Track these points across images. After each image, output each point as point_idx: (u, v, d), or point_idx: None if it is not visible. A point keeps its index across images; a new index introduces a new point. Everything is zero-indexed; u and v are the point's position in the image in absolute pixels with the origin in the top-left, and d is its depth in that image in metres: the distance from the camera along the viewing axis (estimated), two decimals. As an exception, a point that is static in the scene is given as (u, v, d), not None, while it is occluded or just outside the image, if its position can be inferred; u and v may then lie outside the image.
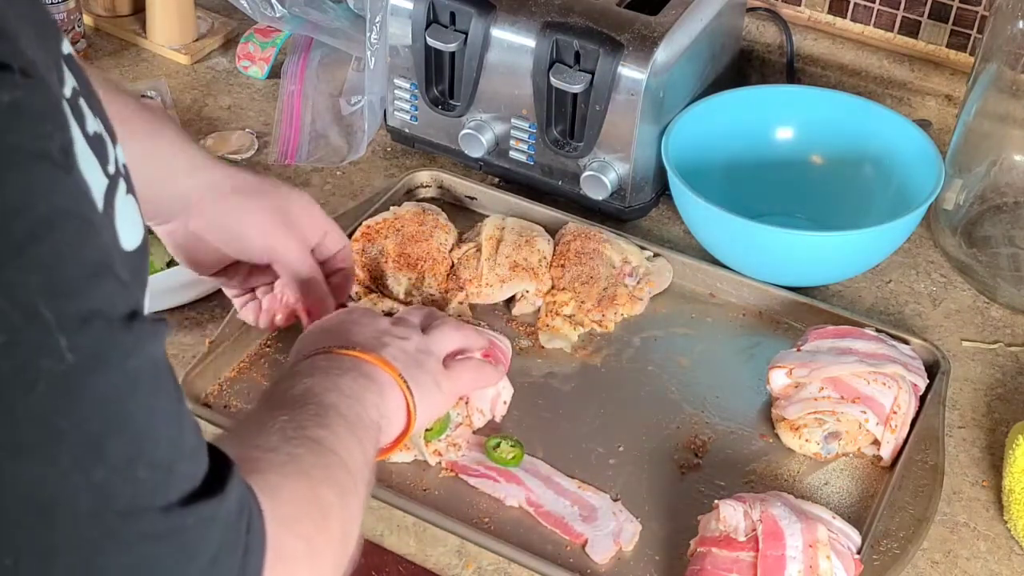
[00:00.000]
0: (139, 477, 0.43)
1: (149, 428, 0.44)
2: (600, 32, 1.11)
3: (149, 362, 0.45)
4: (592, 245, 1.09)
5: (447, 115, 1.21)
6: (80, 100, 0.47)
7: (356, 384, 0.75)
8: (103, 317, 0.42)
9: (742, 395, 1.01)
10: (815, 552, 0.81)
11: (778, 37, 1.35)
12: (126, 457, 0.43)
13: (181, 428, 0.46)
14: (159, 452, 0.44)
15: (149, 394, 0.44)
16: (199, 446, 0.48)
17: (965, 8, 1.27)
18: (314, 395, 0.71)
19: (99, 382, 0.42)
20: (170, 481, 0.45)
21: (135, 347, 0.44)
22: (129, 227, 0.50)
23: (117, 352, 0.43)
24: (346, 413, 0.71)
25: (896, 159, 1.16)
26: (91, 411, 0.41)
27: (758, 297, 1.09)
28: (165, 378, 0.46)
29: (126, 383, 0.43)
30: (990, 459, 0.96)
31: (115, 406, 0.42)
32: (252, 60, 1.39)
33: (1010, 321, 1.10)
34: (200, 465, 0.47)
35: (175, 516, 0.44)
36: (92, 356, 0.41)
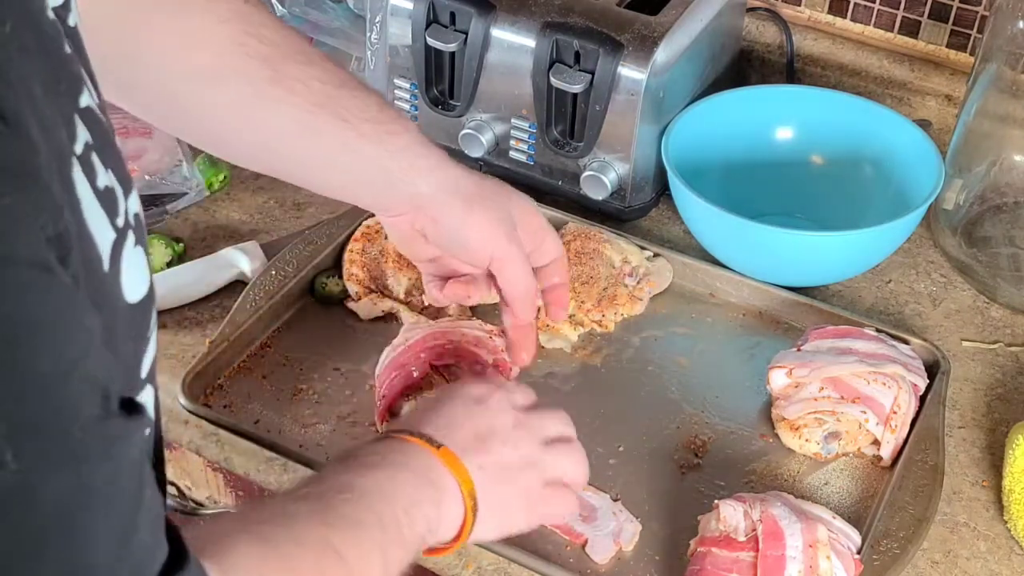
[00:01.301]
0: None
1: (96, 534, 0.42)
2: (600, 32, 1.11)
3: (109, 467, 0.43)
4: (592, 245, 1.09)
5: (447, 115, 1.21)
6: (92, 155, 0.46)
7: (414, 490, 0.71)
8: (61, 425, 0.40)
9: (742, 395, 1.01)
10: (815, 552, 0.81)
11: (778, 37, 1.35)
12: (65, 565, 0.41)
13: (133, 531, 0.44)
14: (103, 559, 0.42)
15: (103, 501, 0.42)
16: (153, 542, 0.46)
17: (965, 8, 1.27)
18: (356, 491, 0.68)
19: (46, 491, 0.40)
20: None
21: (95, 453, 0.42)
22: (135, 279, 0.49)
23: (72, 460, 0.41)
24: (383, 518, 0.68)
25: (896, 159, 1.16)
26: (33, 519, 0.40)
27: (758, 297, 1.09)
28: (127, 482, 0.44)
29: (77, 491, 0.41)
30: (990, 459, 0.96)
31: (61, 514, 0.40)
32: (252, 60, 1.39)
33: (1010, 321, 1.10)
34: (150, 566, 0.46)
35: None
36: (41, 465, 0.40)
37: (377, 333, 1.04)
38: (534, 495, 0.79)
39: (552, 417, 0.83)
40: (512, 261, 0.86)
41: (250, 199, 1.19)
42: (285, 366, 1.01)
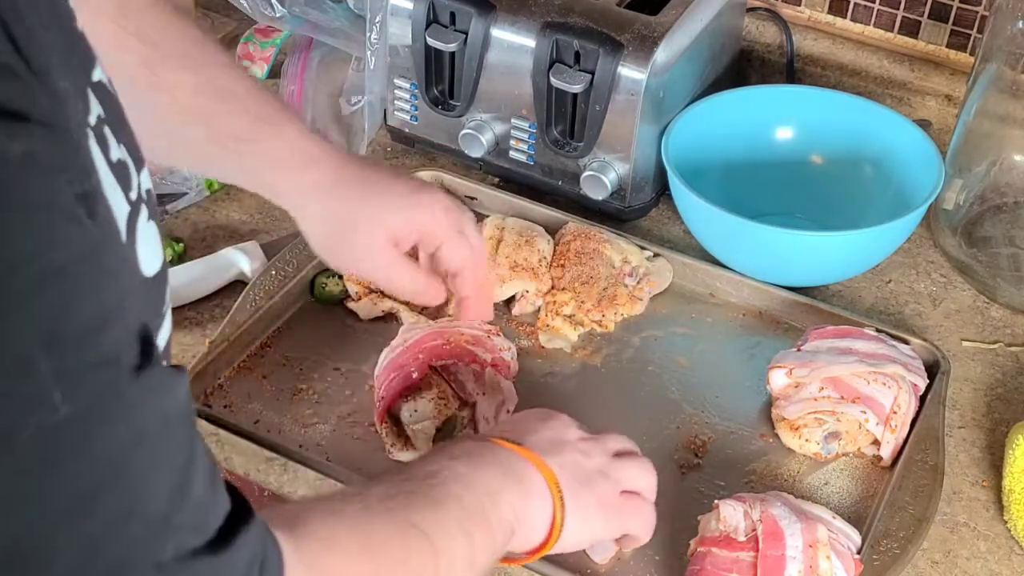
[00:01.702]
0: (131, 532, 0.42)
1: (148, 482, 0.43)
2: (600, 32, 1.11)
3: (157, 414, 0.43)
4: (592, 245, 1.09)
5: (447, 115, 1.21)
6: (105, 128, 0.46)
7: (498, 480, 0.71)
8: (107, 369, 0.41)
9: (742, 395, 1.01)
10: (815, 552, 0.81)
11: (778, 37, 1.35)
12: (119, 513, 0.41)
13: (187, 482, 0.45)
14: (156, 506, 0.43)
15: (153, 447, 0.43)
16: (210, 500, 0.46)
17: (965, 8, 1.27)
18: (438, 477, 0.68)
19: (95, 435, 0.41)
20: (165, 537, 0.43)
21: (141, 399, 0.43)
22: (149, 253, 0.49)
23: (120, 404, 0.42)
24: (467, 504, 0.67)
25: (896, 159, 1.16)
26: (83, 464, 0.40)
27: (758, 297, 1.09)
28: (176, 430, 0.45)
29: (128, 436, 0.42)
30: (990, 459, 0.96)
31: (112, 460, 0.41)
32: (252, 60, 1.39)
33: (1010, 321, 1.10)
34: (208, 517, 0.46)
35: (168, 573, 0.43)
36: (90, 409, 0.40)
37: (377, 333, 1.04)
38: (611, 503, 0.79)
39: (614, 436, 0.85)
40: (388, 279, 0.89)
41: (250, 199, 1.19)
42: (285, 366, 1.01)
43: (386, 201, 0.88)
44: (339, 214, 0.87)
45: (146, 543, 0.42)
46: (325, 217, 0.87)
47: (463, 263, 0.92)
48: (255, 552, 0.48)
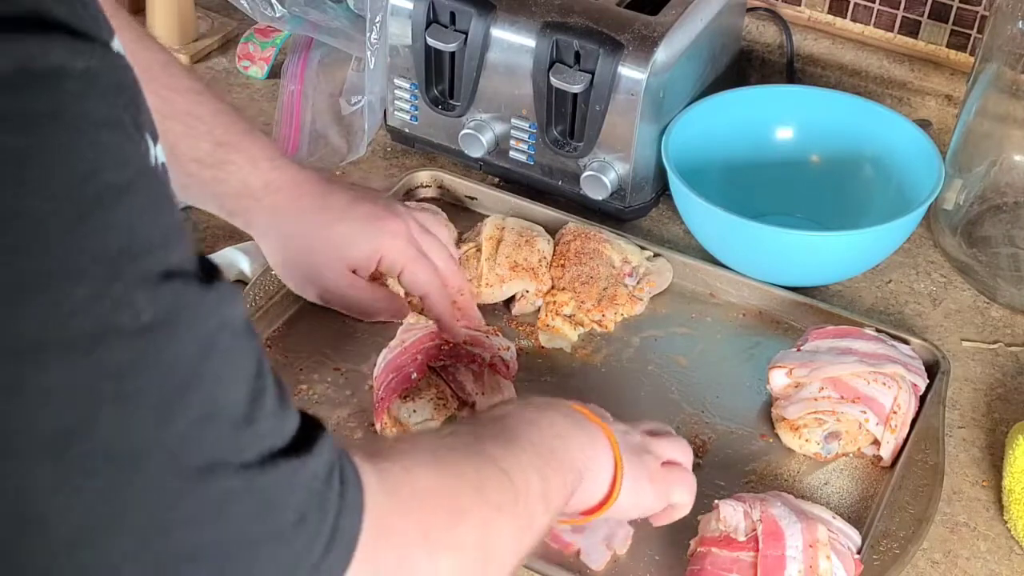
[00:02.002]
0: (216, 433, 0.44)
1: (226, 387, 0.45)
2: (600, 32, 1.11)
3: (227, 324, 0.45)
4: (592, 245, 1.09)
5: (447, 115, 1.21)
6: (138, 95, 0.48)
7: (566, 427, 0.72)
8: (181, 277, 0.43)
9: (742, 395, 1.01)
10: (815, 552, 0.81)
11: (778, 37, 1.35)
12: (204, 413, 0.43)
13: (262, 388, 0.47)
14: (236, 410, 0.45)
15: (226, 354, 0.45)
16: (283, 409, 0.48)
17: (965, 8, 1.27)
18: (509, 419, 0.69)
19: (177, 339, 0.43)
20: (248, 439, 0.45)
21: (214, 307, 0.45)
22: None
23: (194, 311, 0.44)
24: (537, 443, 0.67)
25: (896, 159, 1.16)
26: (168, 367, 0.42)
27: (758, 297, 1.09)
28: (244, 341, 0.47)
29: (204, 342, 0.44)
30: (990, 459, 0.96)
31: (192, 363, 0.43)
32: (252, 60, 1.39)
33: (1010, 321, 1.10)
34: (285, 425, 0.48)
35: (254, 473, 0.45)
36: (169, 314, 0.42)
37: (377, 333, 1.04)
38: (657, 473, 0.79)
39: (645, 420, 0.85)
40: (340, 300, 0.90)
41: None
42: (285, 366, 1.01)
43: (345, 229, 0.89)
44: (296, 241, 0.88)
45: (230, 444, 0.44)
46: (284, 243, 0.89)
47: (426, 287, 0.93)
48: (334, 461, 0.49)
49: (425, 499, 0.56)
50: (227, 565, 0.44)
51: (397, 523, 0.53)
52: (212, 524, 0.43)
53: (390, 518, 0.52)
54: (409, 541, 0.54)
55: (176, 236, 0.44)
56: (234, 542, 0.44)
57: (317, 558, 0.47)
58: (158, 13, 1.40)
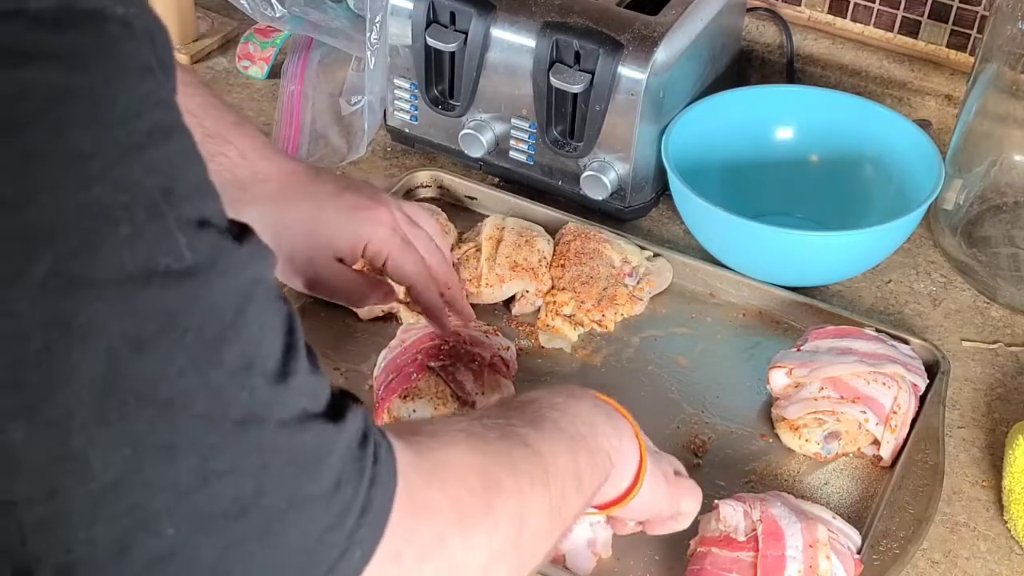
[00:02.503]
0: (255, 386, 0.44)
1: (264, 341, 0.45)
2: (600, 32, 1.11)
3: (261, 280, 0.45)
4: (592, 245, 1.09)
5: (447, 115, 1.21)
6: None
7: (594, 414, 0.70)
8: (217, 227, 0.44)
9: (742, 395, 1.01)
10: (815, 552, 0.81)
11: (778, 37, 1.35)
12: (242, 364, 0.43)
13: (296, 348, 0.47)
14: (273, 364, 0.45)
15: (263, 309, 0.45)
16: (316, 374, 0.48)
17: (965, 8, 1.27)
18: (536, 403, 0.68)
19: (215, 286, 0.43)
20: (286, 397, 0.45)
21: (249, 261, 0.45)
22: None
23: (231, 261, 0.44)
24: (566, 428, 0.66)
25: (896, 159, 1.16)
26: (207, 314, 0.42)
27: (758, 297, 1.09)
28: (276, 300, 0.46)
29: (240, 293, 0.44)
30: (990, 459, 0.96)
31: (230, 313, 0.43)
32: (252, 60, 1.39)
33: (1010, 321, 1.10)
34: (318, 390, 0.47)
35: (293, 432, 0.45)
36: (209, 260, 0.42)
37: (377, 333, 1.04)
38: (672, 476, 0.79)
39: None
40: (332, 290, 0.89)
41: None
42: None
43: (330, 217, 0.89)
44: (283, 230, 0.88)
45: (268, 398, 0.44)
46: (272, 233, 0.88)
47: (412, 277, 0.91)
48: (367, 431, 0.49)
49: (459, 474, 0.55)
50: (265, 524, 0.43)
51: (430, 497, 0.52)
52: (250, 479, 0.43)
53: (424, 492, 0.52)
54: (442, 516, 0.53)
55: (209, 189, 0.45)
56: (272, 500, 0.44)
57: (351, 526, 0.46)
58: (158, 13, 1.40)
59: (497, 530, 0.56)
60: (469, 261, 1.08)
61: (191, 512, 0.42)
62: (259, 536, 0.43)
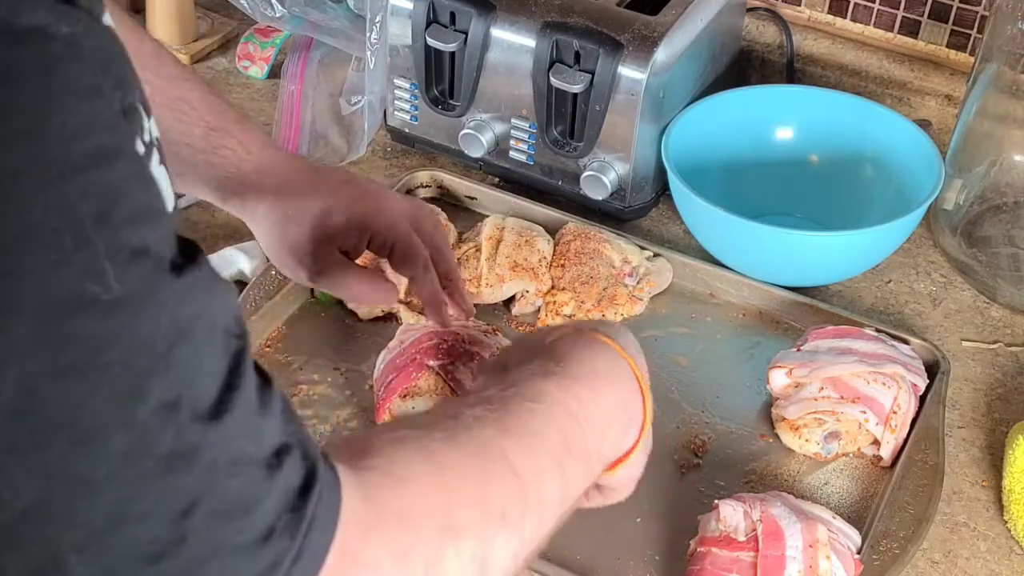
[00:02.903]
0: (181, 425, 0.42)
1: (196, 379, 0.43)
2: (600, 32, 1.11)
3: (202, 316, 0.43)
4: (592, 245, 1.09)
5: (447, 115, 1.21)
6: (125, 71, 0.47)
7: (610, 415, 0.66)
8: (154, 258, 0.42)
9: (742, 395, 1.01)
10: (815, 552, 0.81)
11: (778, 37, 1.35)
12: (168, 401, 0.41)
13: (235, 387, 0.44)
14: (203, 405, 0.43)
15: (198, 346, 0.43)
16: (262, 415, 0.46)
17: (965, 8, 1.27)
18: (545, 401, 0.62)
19: (144, 319, 0.41)
20: (217, 438, 0.43)
21: (188, 295, 0.43)
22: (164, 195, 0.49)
23: (166, 294, 0.42)
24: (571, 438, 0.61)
25: (896, 159, 1.16)
26: (134, 346, 0.41)
27: (758, 297, 1.09)
28: (222, 337, 0.44)
29: (173, 328, 0.42)
30: (990, 459, 0.96)
31: (159, 347, 0.41)
32: (252, 60, 1.39)
33: (1010, 321, 1.10)
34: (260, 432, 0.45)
35: (220, 477, 0.43)
36: (139, 292, 0.41)
37: (377, 333, 1.04)
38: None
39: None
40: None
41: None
42: (285, 366, 1.01)
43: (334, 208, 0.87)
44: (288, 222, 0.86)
45: (197, 439, 0.42)
46: (277, 225, 0.87)
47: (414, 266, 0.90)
48: (313, 473, 0.47)
49: (411, 519, 0.51)
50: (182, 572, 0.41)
51: (368, 553, 0.49)
52: (170, 523, 0.41)
53: (362, 547, 0.49)
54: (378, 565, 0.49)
55: (155, 217, 0.43)
56: (192, 548, 0.41)
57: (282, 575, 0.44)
58: (158, 13, 1.40)
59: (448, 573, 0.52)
60: (469, 261, 1.08)
61: (103, 553, 0.40)
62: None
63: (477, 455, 0.56)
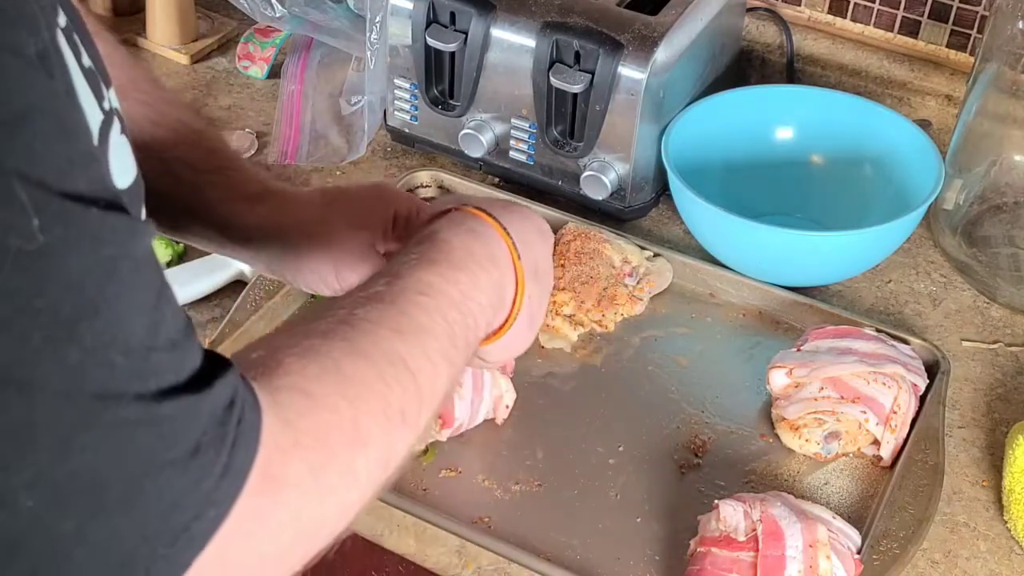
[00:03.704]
0: (113, 362, 0.44)
1: (125, 316, 0.45)
2: (600, 32, 1.11)
3: (128, 254, 0.45)
4: (592, 245, 1.09)
5: (447, 115, 1.21)
6: (74, 35, 0.48)
7: (489, 300, 0.67)
8: (80, 202, 0.43)
9: (742, 395, 1.01)
10: (815, 552, 0.81)
11: (778, 37, 1.35)
12: (100, 342, 0.43)
13: (161, 322, 0.47)
14: (135, 340, 0.45)
15: (126, 285, 0.45)
16: (185, 342, 0.48)
17: (965, 8, 1.27)
18: (433, 295, 0.63)
19: (71, 264, 0.42)
20: (146, 370, 0.45)
21: (112, 236, 0.44)
22: (122, 167, 0.51)
23: (92, 238, 0.43)
24: (457, 329, 0.63)
25: (896, 159, 1.16)
26: (62, 292, 0.42)
27: (758, 297, 1.09)
28: (147, 273, 0.46)
29: (100, 269, 0.44)
30: (990, 459, 0.96)
31: (88, 290, 0.43)
32: (252, 60, 1.39)
33: (1010, 321, 1.10)
34: (185, 360, 0.47)
35: (151, 405, 0.45)
36: (65, 238, 0.42)
37: (377, 333, 1.04)
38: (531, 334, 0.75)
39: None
40: None
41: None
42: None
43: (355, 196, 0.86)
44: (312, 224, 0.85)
45: (128, 374, 0.44)
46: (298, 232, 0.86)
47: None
48: (234, 396, 0.49)
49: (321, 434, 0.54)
50: (123, 493, 0.44)
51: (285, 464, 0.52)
52: (108, 453, 0.44)
53: (280, 456, 0.51)
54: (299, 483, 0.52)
55: (82, 163, 0.44)
56: (129, 470, 0.44)
57: (208, 490, 0.47)
58: (158, 13, 1.40)
59: (357, 485, 0.56)
60: (469, 261, 1.08)
61: (49, 489, 0.42)
62: (118, 505, 0.44)
63: (377, 363, 0.58)
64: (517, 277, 0.71)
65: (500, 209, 0.73)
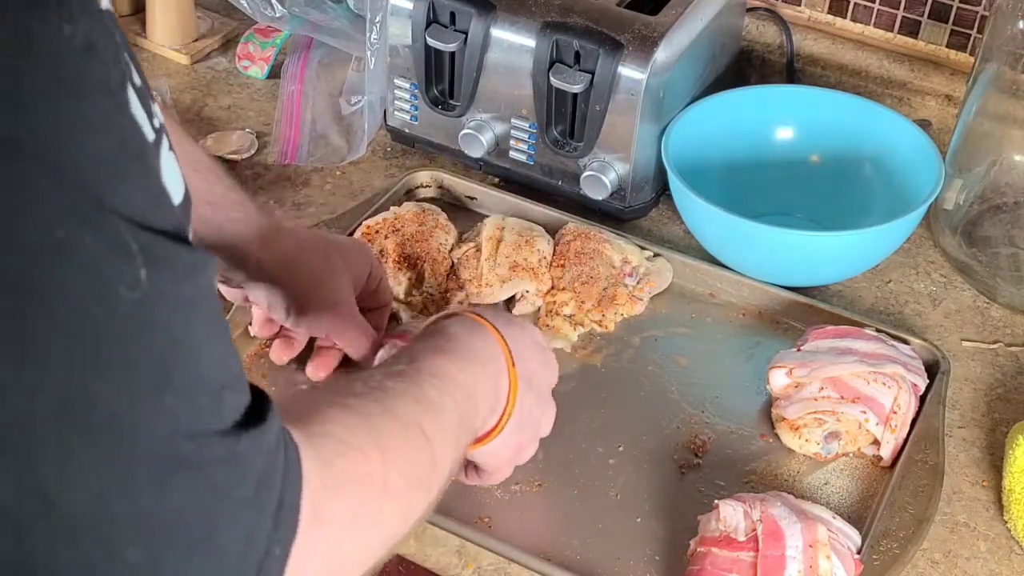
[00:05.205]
0: (201, 402, 0.44)
1: (204, 354, 0.45)
2: (600, 32, 1.11)
3: (201, 290, 0.46)
4: (592, 245, 1.09)
5: (447, 115, 1.21)
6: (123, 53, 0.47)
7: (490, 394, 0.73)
8: (167, 241, 0.43)
9: (742, 395, 1.01)
10: (815, 552, 0.81)
11: (778, 37, 1.35)
12: (188, 382, 0.44)
13: (230, 356, 0.47)
14: (213, 378, 0.45)
15: (202, 322, 0.45)
16: (243, 375, 0.49)
17: (965, 8, 1.27)
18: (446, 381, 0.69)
19: (165, 306, 0.43)
20: (224, 407, 0.46)
21: (188, 273, 0.45)
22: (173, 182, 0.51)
23: (176, 277, 0.44)
24: (464, 414, 0.69)
25: (896, 159, 1.16)
26: (158, 336, 0.42)
27: (758, 297, 1.09)
28: (216, 307, 0.47)
29: (184, 308, 0.44)
30: (990, 459, 0.96)
31: (176, 331, 0.43)
32: (252, 60, 1.39)
33: (1010, 321, 1.10)
34: (244, 395, 0.48)
35: (231, 440, 0.46)
36: (159, 280, 0.42)
37: (377, 333, 1.04)
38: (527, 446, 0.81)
39: None
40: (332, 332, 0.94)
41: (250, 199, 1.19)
42: (285, 366, 1.01)
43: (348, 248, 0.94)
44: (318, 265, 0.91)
45: (210, 412, 0.45)
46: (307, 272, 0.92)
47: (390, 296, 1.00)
48: (280, 430, 0.50)
49: (358, 478, 0.57)
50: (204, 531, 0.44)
51: (330, 502, 0.54)
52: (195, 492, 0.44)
53: (326, 494, 0.53)
54: (341, 521, 0.55)
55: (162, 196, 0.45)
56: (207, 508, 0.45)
57: (269, 526, 0.48)
58: (158, 13, 1.41)
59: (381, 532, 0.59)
60: (469, 261, 1.08)
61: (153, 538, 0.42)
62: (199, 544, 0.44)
63: (404, 426, 0.63)
64: (511, 381, 0.75)
65: (503, 322, 0.78)
